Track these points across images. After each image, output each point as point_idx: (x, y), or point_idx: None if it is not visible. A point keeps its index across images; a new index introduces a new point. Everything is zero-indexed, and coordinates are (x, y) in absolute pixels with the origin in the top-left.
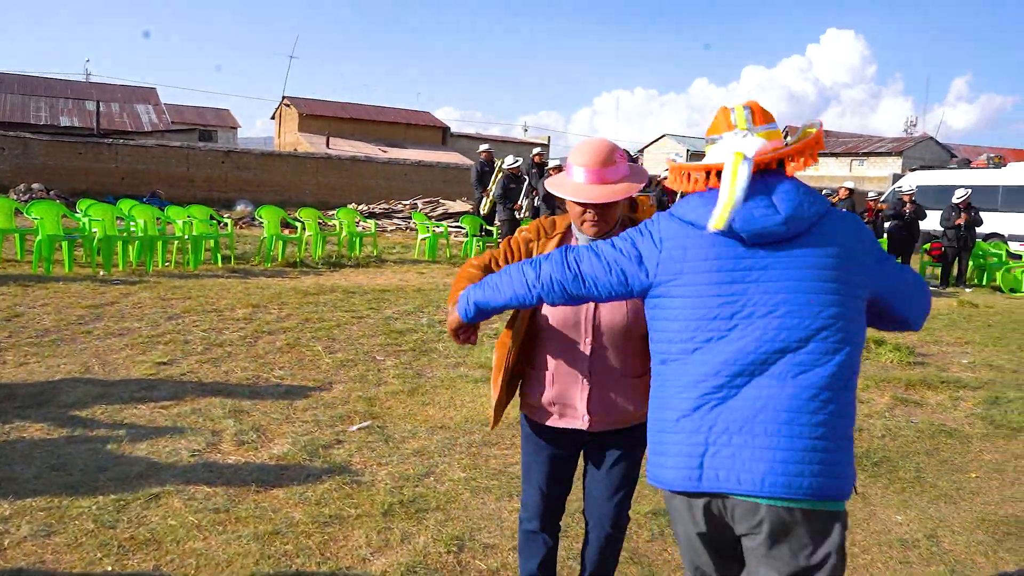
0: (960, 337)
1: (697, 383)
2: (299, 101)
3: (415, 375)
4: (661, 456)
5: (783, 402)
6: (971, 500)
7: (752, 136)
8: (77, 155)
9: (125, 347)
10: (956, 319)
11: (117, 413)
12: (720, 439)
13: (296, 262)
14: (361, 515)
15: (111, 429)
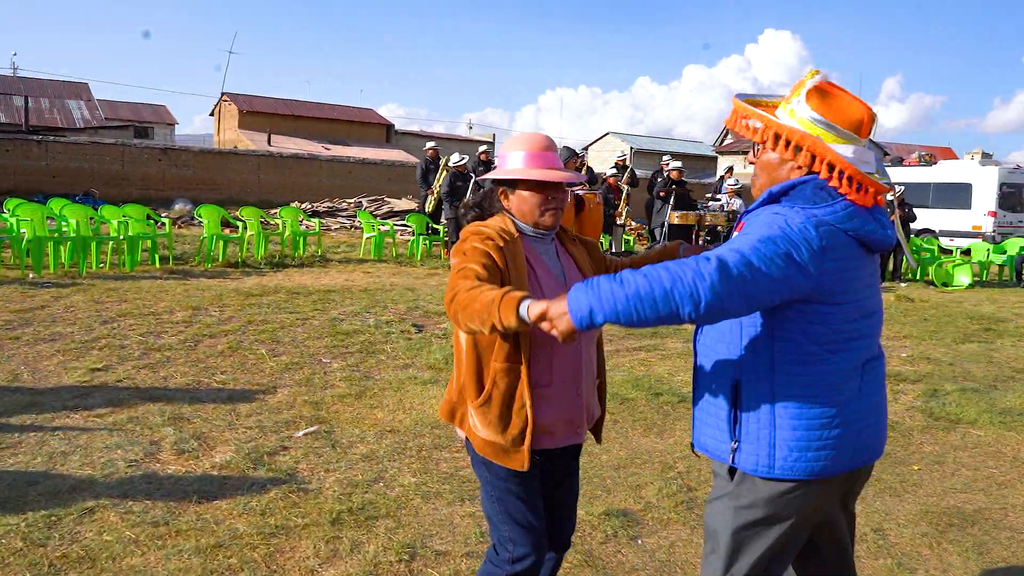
0: (898, 331)
1: (848, 378)
2: (239, 98)
3: (363, 377)
4: (820, 450)
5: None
6: (914, 492)
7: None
8: (4, 152)
9: (56, 353)
10: (894, 313)
11: (48, 423)
12: (869, 418)
13: (238, 262)
14: (308, 524)
15: (41, 440)
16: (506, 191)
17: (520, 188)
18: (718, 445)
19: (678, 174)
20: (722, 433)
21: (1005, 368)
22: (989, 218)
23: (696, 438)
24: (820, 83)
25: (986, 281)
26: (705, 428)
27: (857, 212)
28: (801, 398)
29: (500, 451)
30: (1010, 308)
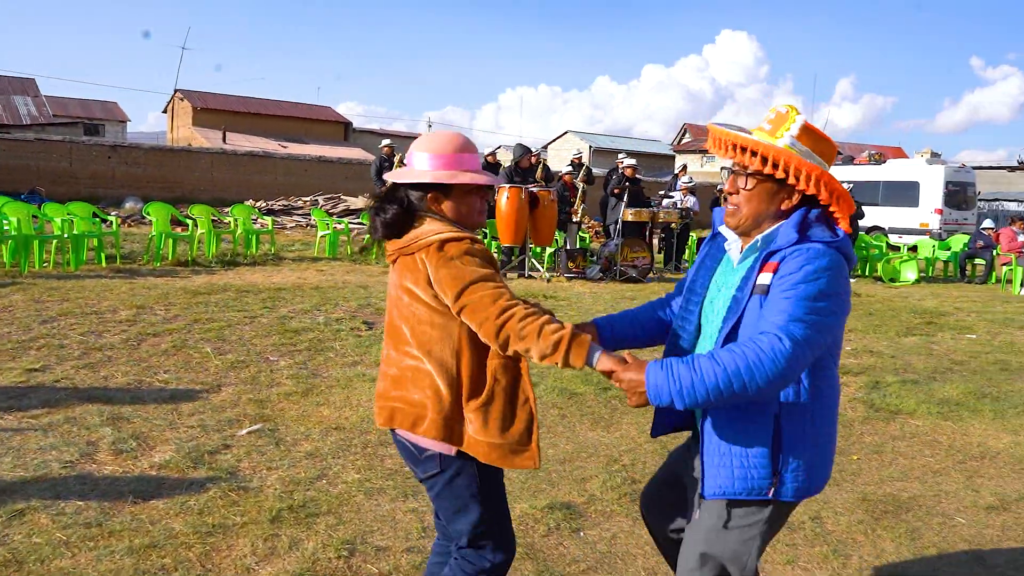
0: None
1: (837, 395)
2: (192, 94)
3: (310, 375)
4: (822, 467)
5: None
6: (852, 481)
7: None
8: None
9: None
10: None
11: None
12: None
13: (188, 261)
14: (247, 523)
15: None
16: (439, 195)
17: (462, 191)
18: (752, 484)
19: (632, 171)
20: (761, 470)
21: (944, 360)
22: (935, 216)
23: (717, 485)
24: (805, 122)
25: (932, 277)
26: (738, 470)
27: (846, 236)
28: (825, 415)
29: (507, 453)
30: (952, 302)
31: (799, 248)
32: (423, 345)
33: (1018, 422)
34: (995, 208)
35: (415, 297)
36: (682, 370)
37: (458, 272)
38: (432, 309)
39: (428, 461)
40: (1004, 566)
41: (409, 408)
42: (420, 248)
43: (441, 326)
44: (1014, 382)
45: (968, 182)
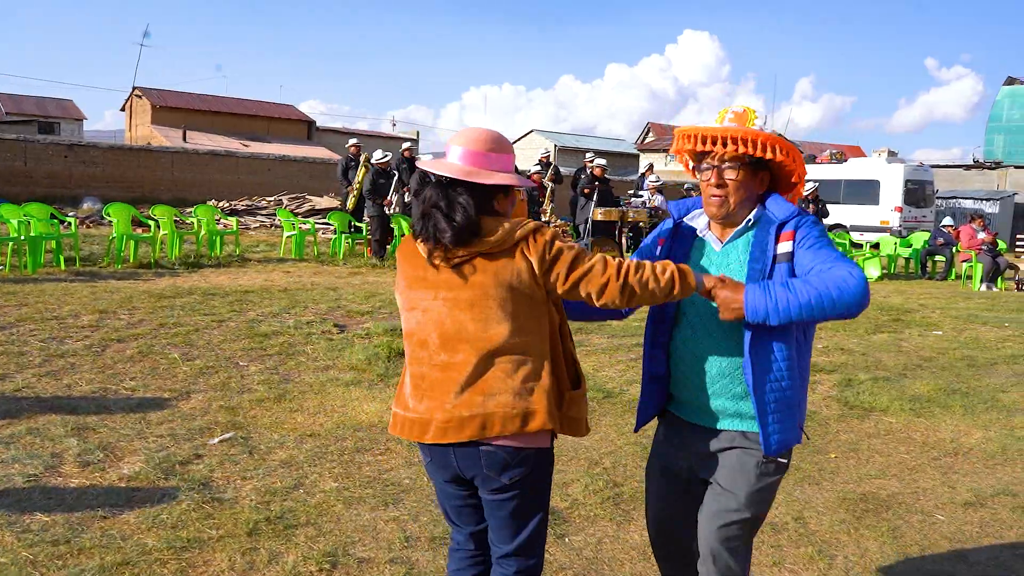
0: None
1: None
2: (151, 92)
3: (282, 380)
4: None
5: None
6: (832, 480)
7: None
8: None
9: None
10: None
11: None
12: None
13: (150, 263)
14: (223, 536)
15: None
16: (502, 196)
17: (514, 191)
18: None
19: (601, 171)
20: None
21: (913, 357)
22: (895, 213)
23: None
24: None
25: (894, 273)
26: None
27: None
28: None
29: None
30: (916, 299)
31: (802, 217)
32: (524, 341)
33: (987, 417)
34: (952, 206)
35: (517, 293)
36: (778, 290)
37: (563, 251)
38: (533, 301)
39: (522, 463)
40: (986, 563)
41: (511, 410)
42: (517, 242)
43: (539, 318)
44: (982, 377)
45: (926, 180)
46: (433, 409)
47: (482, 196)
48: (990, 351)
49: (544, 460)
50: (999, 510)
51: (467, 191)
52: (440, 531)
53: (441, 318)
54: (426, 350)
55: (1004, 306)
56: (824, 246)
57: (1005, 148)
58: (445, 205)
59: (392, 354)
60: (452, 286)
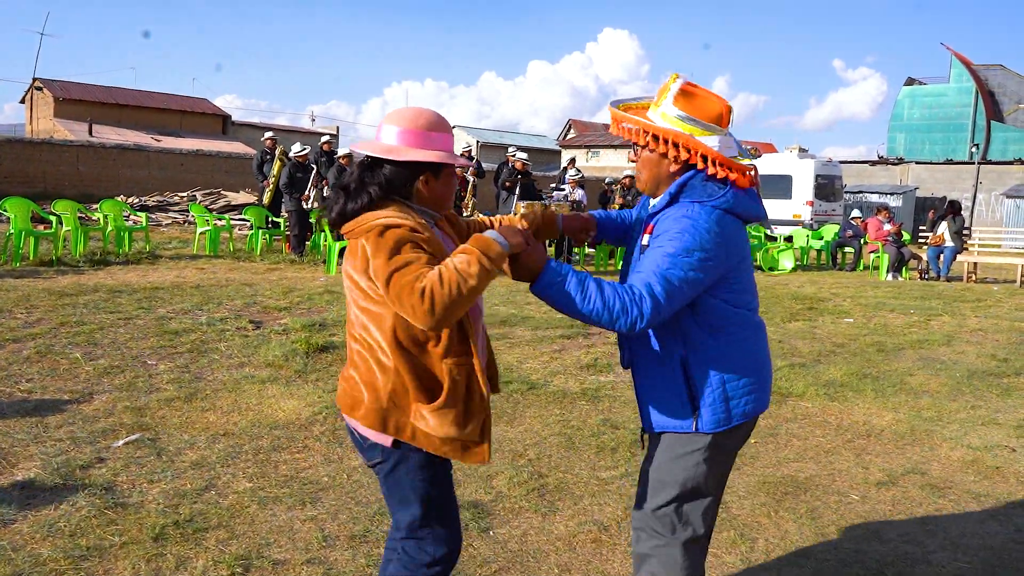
0: None
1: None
2: (54, 84)
3: (193, 379)
4: (751, 393)
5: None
6: (752, 465)
7: None
8: None
9: None
10: None
11: None
12: (768, 369)
13: (52, 261)
14: (127, 543)
15: None
16: (431, 176)
17: (449, 173)
18: (676, 418)
19: (523, 165)
20: (683, 407)
21: (827, 343)
22: (807, 207)
23: (653, 421)
24: (683, 85)
25: (806, 265)
26: (663, 407)
27: (739, 194)
28: (734, 353)
29: (460, 448)
30: (828, 289)
31: (668, 210)
32: (360, 331)
33: (897, 400)
34: (859, 200)
35: (354, 282)
36: (572, 279)
37: (393, 259)
38: (367, 296)
39: (371, 450)
40: (898, 539)
41: (348, 389)
42: (362, 233)
43: (375, 315)
44: (891, 362)
45: (835, 175)
46: None
47: (405, 176)
48: (897, 337)
49: (394, 457)
50: (909, 488)
51: (389, 171)
52: (359, 529)
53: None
54: None
55: (909, 294)
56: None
57: (906, 145)
58: (354, 186)
59: (311, 350)
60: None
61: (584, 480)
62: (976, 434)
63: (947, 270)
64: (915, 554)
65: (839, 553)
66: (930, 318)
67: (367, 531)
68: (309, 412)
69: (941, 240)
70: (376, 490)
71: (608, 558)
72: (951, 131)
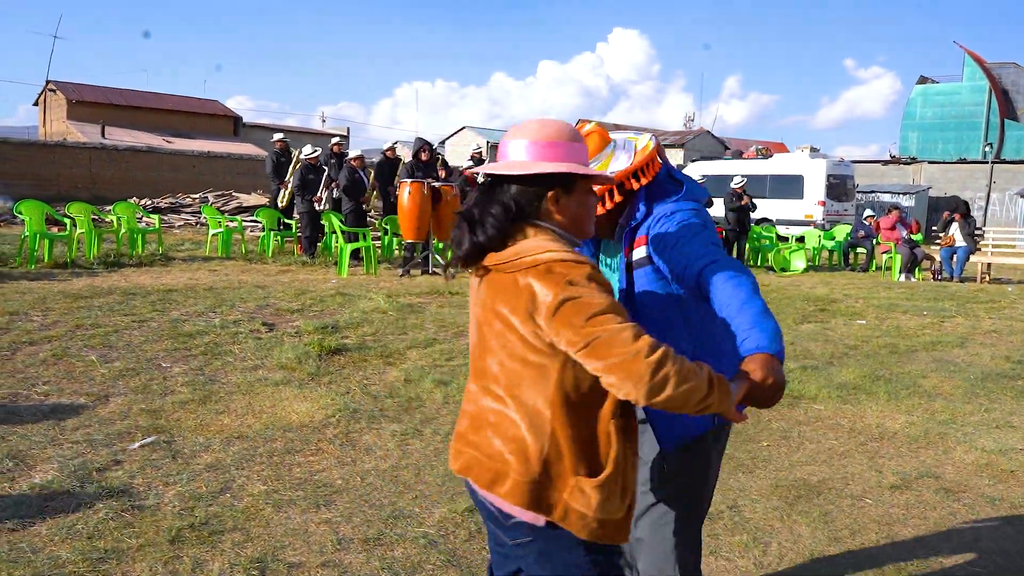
0: None
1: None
2: (67, 86)
3: (207, 381)
4: None
5: None
6: (764, 468)
7: None
8: None
9: None
10: None
11: None
12: None
13: (66, 263)
14: (144, 545)
15: None
16: (561, 192)
17: (584, 189)
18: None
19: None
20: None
21: (839, 345)
22: (819, 207)
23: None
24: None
25: (818, 266)
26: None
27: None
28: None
29: (617, 528)
30: (840, 290)
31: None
32: (511, 386)
33: (910, 403)
34: (871, 200)
35: (509, 326)
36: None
37: (582, 300)
38: (527, 345)
39: (515, 528)
40: (912, 544)
41: (487, 461)
42: (524, 268)
43: (538, 368)
44: (904, 364)
45: (847, 175)
46: (455, 435)
47: (531, 195)
48: (910, 339)
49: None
50: (923, 492)
51: (515, 192)
52: (373, 532)
53: (471, 338)
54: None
55: (922, 295)
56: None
57: (918, 144)
58: (478, 213)
59: (324, 352)
60: (475, 300)
61: None
62: (991, 437)
63: (960, 271)
64: (929, 558)
65: (853, 557)
66: (943, 319)
67: (381, 534)
68: (322, 415)
69: (952, 241)
70: (390, 493)
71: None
72: (964, 130)
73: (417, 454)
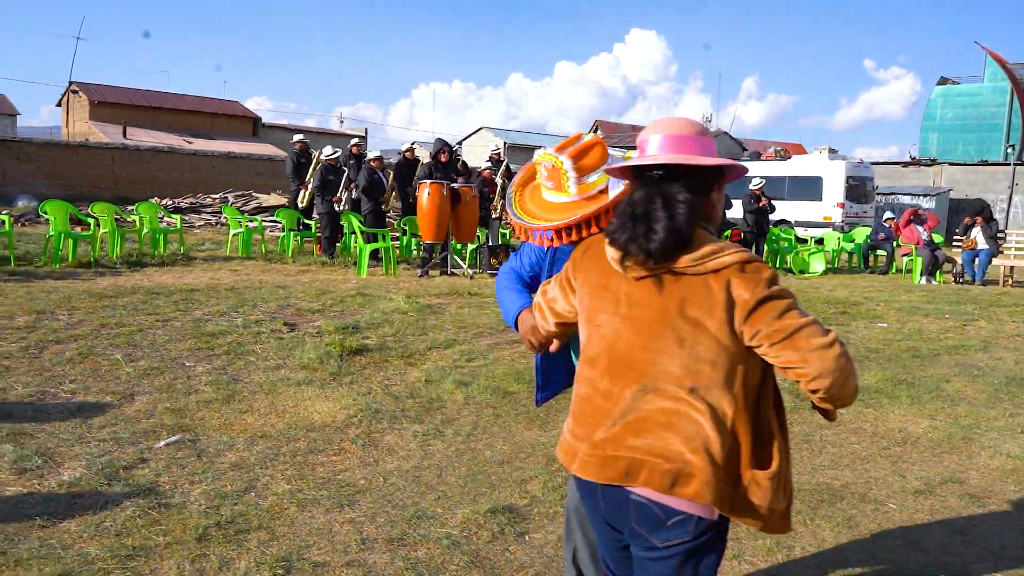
0: None
1: None
2: (89, 87)
3: (230, 381)
4: None
5: None
6: None
7: None
8: None
9: None
10: None
11: None
12: None
13: (90, 262)
14: (171, 543)
15: None
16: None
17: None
18: None
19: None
20: None
21: (860, 348)
22: (838, 209)
23: None
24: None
25: (838, 268)
26: None
27: None
28: None
29: (783, 519)
30: (861, 292)
31: None
32: (696, 386)
33: (933, 407)
34: (891, 202)
35: (700, 328)
36: None
37: (777, 297)
38: (720, 346)
39: (678, 527)
40: (937, 549)
41: (665, 463)
42: (714, 270)
43: (726, 367)
44: (926, 368)
45: (867, 177)
46: (583, 437)
47: (700, 192)
48: (933, 342)
49: (709, 536)
50: (947, 497)
51: (685, 187)
52: (397, 532)
53: (614, 337)
54: (594, 370)
55: (944, 298)
56: None
57: (938, 146)
58: (662, 204)
59: (345, 352)
60: (633, 302)
61: None
62: (1016, 442)
63: (983, 274)
64: (955, 564)
65: (877, 563)
66: (966, 323)
67: (404, 534)
68: (344, 415)
69: (974, 244)
70: (412, 493)
71: None
72: (985, 131)
73: (439, 455)
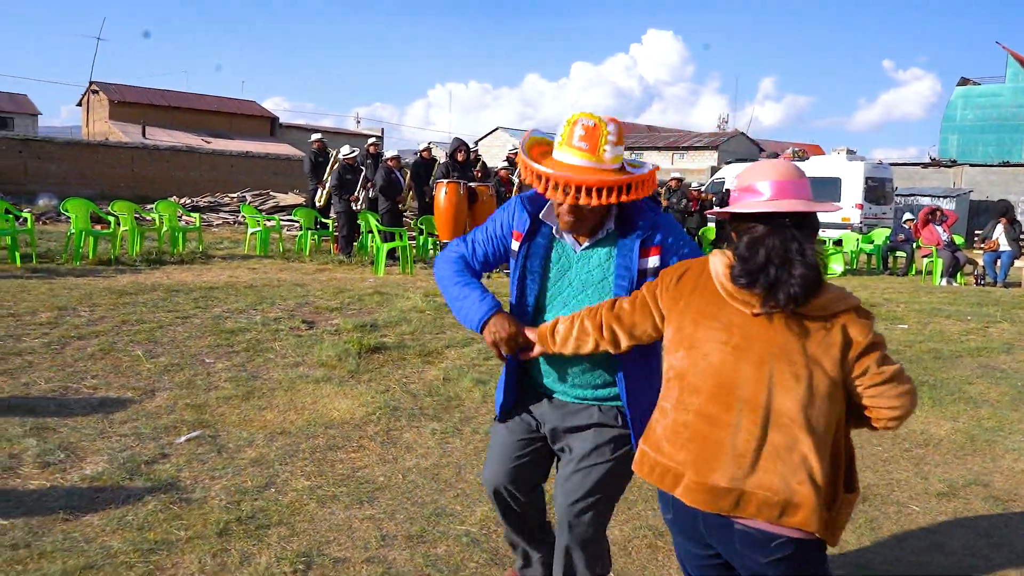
0: None
1: None
2: (109, 87)
3: (249, 377)
4: None
5: None
6: None
7: None
8: None
9: None
10: None
11: None
12: None
13: (110, 260)
14: (192, 537)
15: None
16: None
17: None
18: None
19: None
20: None
21: None
22: (856, 210)
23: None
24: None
25: (856, 269)
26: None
27: None
28: None
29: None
30: (881, 294)
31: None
32: (810, 420)
33: (955, 408)
34: (911, 203)
35: (819, 366)
36: None
37: (882, 340)
38: (833, 383)
39: (778, 548)
40: (961, 552)
41: (775, 496)
42: (834, 313)
43: (834, 401)
44: (948, 370)
45: (886, 178)
46: (688, 464)
47: (815, 234)
48: (954, 344)
49: (814, 552)
50: (971, 500)
51: (809, 233)
52: (416, 529)
53: (723, 367)
54: (697, 397)
55: (965, 300)
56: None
57: (959, 147)
58: (798, 250)
59: (363, 350)
60: (748, 336)
61: (638, 484)
62: None
63: (1004, 276)
64: (980, 567)
65: (900, 565)
66: (988, 325)
67: (424, 531)
68: (363, 412)
69: (996, 246)
70: (431, 490)
71: (664, 564)
72: (1007, 132)
73: (457, 452)
